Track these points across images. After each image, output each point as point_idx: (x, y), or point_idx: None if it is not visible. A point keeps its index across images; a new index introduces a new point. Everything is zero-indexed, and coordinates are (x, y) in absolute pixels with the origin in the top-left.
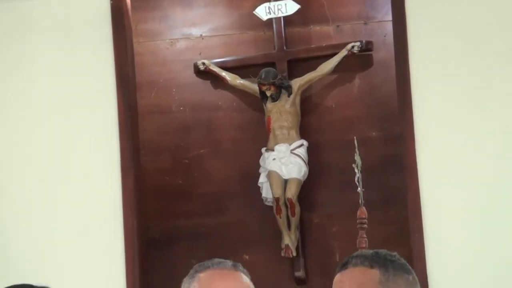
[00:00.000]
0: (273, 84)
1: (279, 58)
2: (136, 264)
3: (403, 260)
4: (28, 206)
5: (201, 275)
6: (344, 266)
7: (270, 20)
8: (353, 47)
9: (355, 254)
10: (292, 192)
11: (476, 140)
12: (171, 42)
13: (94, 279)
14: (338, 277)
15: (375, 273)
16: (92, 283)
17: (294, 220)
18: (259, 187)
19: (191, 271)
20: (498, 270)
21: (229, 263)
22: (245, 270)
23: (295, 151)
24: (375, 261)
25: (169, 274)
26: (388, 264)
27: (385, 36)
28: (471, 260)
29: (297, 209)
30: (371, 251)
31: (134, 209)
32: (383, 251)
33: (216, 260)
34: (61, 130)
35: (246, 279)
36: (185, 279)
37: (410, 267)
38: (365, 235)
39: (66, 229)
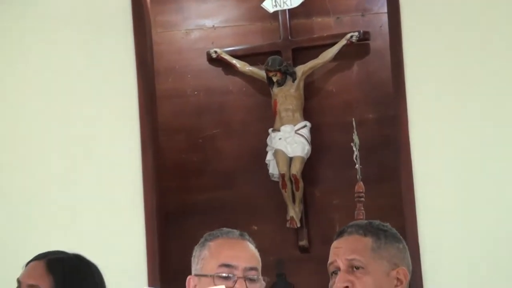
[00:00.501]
0: (279, 70)
1: (284, 47)
2: (155, 235)
3: (394, 230)
4: (54, 180)
5: (211, 243)
6: (340, 234)
7: (276, 12)
8: (351, 36)
9: (350, 223)
10: (296, 168)
11: (465, 120)
12: (186, 32)
13: (117, 249)
14: (335, 244)
15: (368, 241)
16: (115, 254)
17: (298, 194)
18: (266, 164)
19: (202, 240)
20: (488, 238)
21: (236, 232)
22: (251, 239)
23: (299, 132)
24: (368, 230)
25: (185, 244)
26: (380, 233)
27: (380, 26)
28: (462, 230)
29: (301, 184)
30: (365, 221)
31: (153, 185)
32: (376, 222)
33: (225, 229)
34: (86, 112)
35: (252, 247)
36: (196, 247)
37: (400, 237)
38: (362, 208)
39: (90, 204)
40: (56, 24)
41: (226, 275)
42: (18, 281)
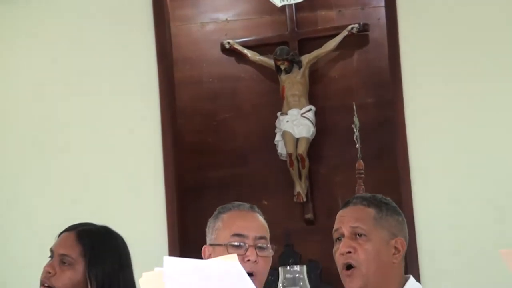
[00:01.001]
0: (286, 59)
1: (291, 38)
2: (174, 209)
3: (395, 204)
4: (86, 157)
5: (224, 215)
6: (346, 204)
7: (283, 6)
8: (352, 28)
9: (355, 195)
10: (302, 148)
11: (455, 102)
12: (202, 25)
13: (140, 222)
14: (340, 213)
15: (371, 211)
16: (139, 225)
17: (304, 172)
18: (275, 144)
19: (215, 213)
20: (479, 208)
21: (247, 205)
22: (260, 211)
23: (304, 115)
24: (371, 202)
25: (201, 217)
26: (382, 206)
27: (379, 19)
28: (454, 202)
29: (307, 163)
30: (369, 194)
31: (172, 163)
32: (379, 195)
33: (236, 203)
34: (113, 97)
35: (261, 218)
36: (210, 220)
37: (400, 211)
38: (362, 183)
39: (115, 180)
40: (85, 19)
41: (238, 244)
42: (51, 250)
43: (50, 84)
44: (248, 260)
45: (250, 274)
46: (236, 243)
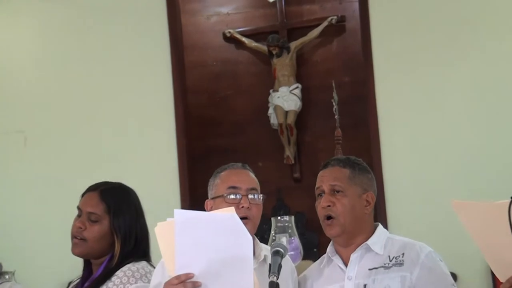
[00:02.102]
0: (277, 45)
1: (281, 28)
2: (185, 171)
3: (365, 164)
4: (106, 129)
5: (221, 173)
6: (325, 165)
7: (274, 1)
8: (331, 19)
9: (332, 158)
10: (291, 119)
11: (420, 79)
12: (207, 17)
13: (156, 180)
14: (320, 173)
15: (346, 171)
16: (155, 183)
17: (292, 139)
18: (268, 116)
19: (214, 173)
20: (436, 168)
21: (239, 164)
22: (250, 169)
23: (293, 91)
24: (346, 163)
25: (207, 178)
26: (355, 166)
27: (353, 11)
28: (416, 163)
29: (294, 131)
30: (344, 157)
31: (183, 133)
32: (353, 157)
33: (230, 163)
34: (132, 78)
35: (251, 174)
36: (210, 179)
37: (370, 169)
38: (340, 148)
39: (136, 148)
40: (110, 12)
41: (233, 194)
42: (79, 208)
43: (82, 67)
44: (242, 207)
45: (245, 218)
46: (232, 195)
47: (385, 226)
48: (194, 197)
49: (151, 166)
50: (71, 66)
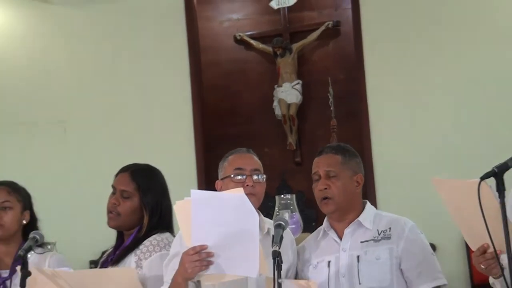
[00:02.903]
0: (281, 47)
1: (284, 31)
2: (201, 157)
3: (354, 150)
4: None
5: (229, 157)
6: (320, 153)
7: (279, 8)
8: (328, 24)
9: (326, 145)
10: (293, 111)
11: (406, 77)
12: (220, 22)
13: (177, 163)
14: (315, 160)
15: (338, 158)
16: (176, 166)
17: (294, 128)
18: (273, 108)
19: (223, 158)
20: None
21: (244, 149)
22: (254, 153)
23: (294, 87)
24: (338, 150)
25: (219, 161)
26: (345, 152)
27: (347, 17)
28: (401, 149)
29: (296, 121)
30: (336, 144)
31: (200, 122)
32: (343, 144)
33: (238, 148)
34: (154, 76)
35: (255, 157)
36: (220, 163)
37: (357, 154)
38: (335, 136)
39: (158, 136)
40: (136, 18)
41: (240, 176)
42: (113, 186)
43: (114, 65)
44: (247, 185)
45: (251, 195)
46: (238, 176)
47: (375, 204)
48: (208, 178)
49: (172, 151)
50: (105, 64)
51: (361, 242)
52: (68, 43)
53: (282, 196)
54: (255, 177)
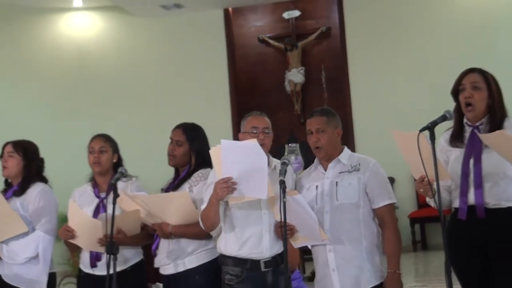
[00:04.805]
0: (290, 44)
1: (292, 34)
2: (234, 118)
3: (334, 111)
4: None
5: (248, 118)
6: (311, 115)
7: (288, 18)
8: (323, 29)
9: (314, 109)
10: (298, 88)
11: (380, 61)
12: (248, 27)
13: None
14: (308, 121)
15: (324, 118)
16: (216, 125)
17: (299, 99)
18: (285, 86)
19: (244, 117)
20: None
21: (258, 112)
22: (266, 115)
23: (299, 72)
24: (323, 112)
25: None
26: (329, 113)
27: (335, 23)
28: (376, 111)
29: (300, 95)
30: (321, 108)
31: (234, 96)
32: (326, 107)
33: (253, 111)
34: (203, 67)
35: (266, 118)
36: (241, 121)
37: (336, 113)
38: (326, 104)
39: (205, 107)
40: (187, 26)
41: (254, 131)
42: (171, 138)
43: (173, 64)
44: (259, 138)
45: (262, 145)
46: (254, 131)
47: (354, 150)
48: (237, 132)
49: (214, 115)
50: (170, 58)
51: (339, 173)
52: (145, 44)
53: (289, 144)
54: (266, 131)
